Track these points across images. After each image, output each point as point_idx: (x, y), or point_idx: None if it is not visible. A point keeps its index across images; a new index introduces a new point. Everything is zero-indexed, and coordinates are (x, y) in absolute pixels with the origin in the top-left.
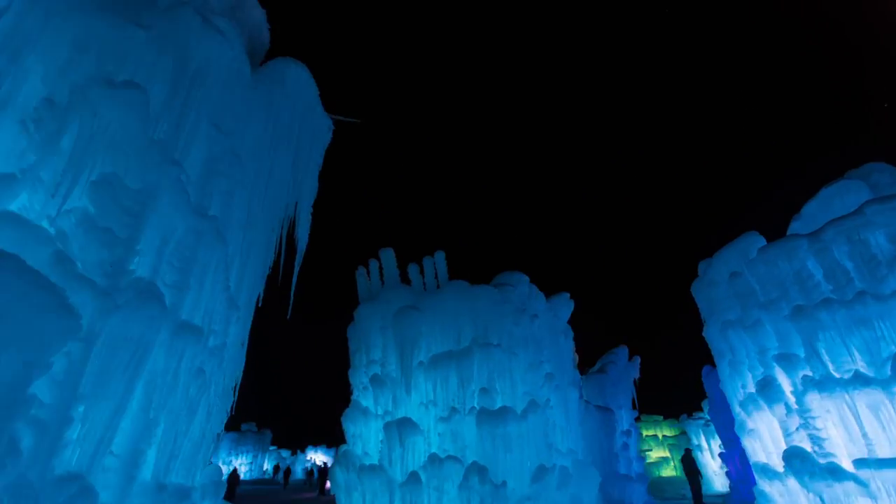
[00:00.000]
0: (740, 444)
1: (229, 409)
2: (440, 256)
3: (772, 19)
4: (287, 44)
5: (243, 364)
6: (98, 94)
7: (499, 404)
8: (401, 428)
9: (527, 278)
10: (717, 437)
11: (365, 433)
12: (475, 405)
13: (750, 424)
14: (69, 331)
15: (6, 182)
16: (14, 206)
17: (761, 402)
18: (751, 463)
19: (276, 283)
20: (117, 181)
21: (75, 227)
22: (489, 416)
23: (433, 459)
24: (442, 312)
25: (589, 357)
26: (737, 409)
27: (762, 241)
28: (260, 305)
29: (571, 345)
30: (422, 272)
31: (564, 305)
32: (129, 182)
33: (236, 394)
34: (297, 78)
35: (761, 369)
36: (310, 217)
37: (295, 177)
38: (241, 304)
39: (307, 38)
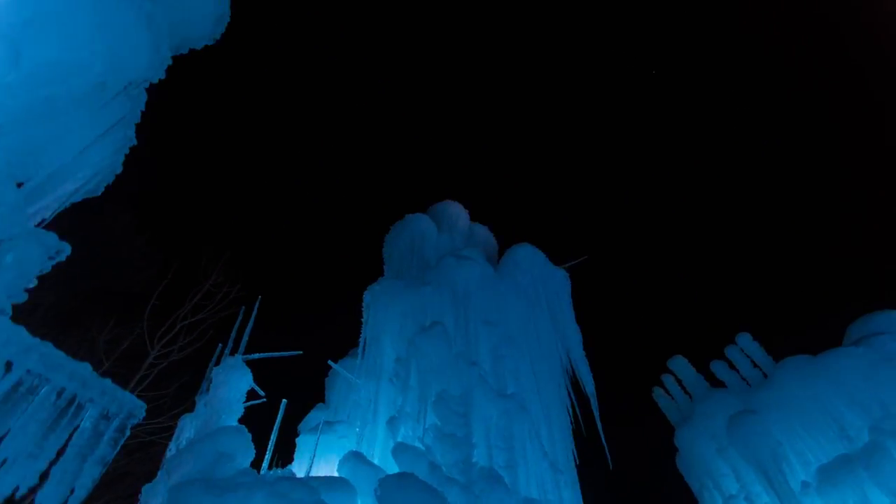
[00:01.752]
0: None
1: None
2: (745, 339)
3: None
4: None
5: None
6: (420, 340)
7: None
8: None
9: None
10: None
11: None
12: None
13: None
14: None
15: (393, 422)
16: (399, 437)
17: None
18: None
19: (581, 434)
20: (447, 395)
21: (433, 440)
22: None
23: None
24: (797, 407)
25: None
26: None
27: None
28: (578, 463)
29: None
30: (731, 366)
31: None
32: (452, 392)
33: None
34: (525, 255)
35: None
36: (586, 359)
37: (557, 330)
38: (562, 467)
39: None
